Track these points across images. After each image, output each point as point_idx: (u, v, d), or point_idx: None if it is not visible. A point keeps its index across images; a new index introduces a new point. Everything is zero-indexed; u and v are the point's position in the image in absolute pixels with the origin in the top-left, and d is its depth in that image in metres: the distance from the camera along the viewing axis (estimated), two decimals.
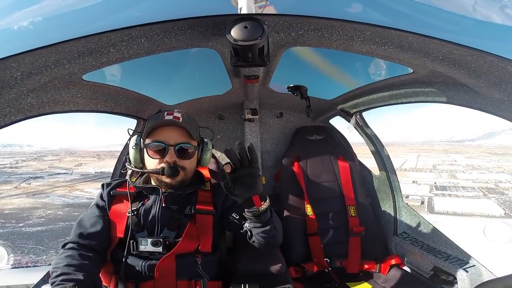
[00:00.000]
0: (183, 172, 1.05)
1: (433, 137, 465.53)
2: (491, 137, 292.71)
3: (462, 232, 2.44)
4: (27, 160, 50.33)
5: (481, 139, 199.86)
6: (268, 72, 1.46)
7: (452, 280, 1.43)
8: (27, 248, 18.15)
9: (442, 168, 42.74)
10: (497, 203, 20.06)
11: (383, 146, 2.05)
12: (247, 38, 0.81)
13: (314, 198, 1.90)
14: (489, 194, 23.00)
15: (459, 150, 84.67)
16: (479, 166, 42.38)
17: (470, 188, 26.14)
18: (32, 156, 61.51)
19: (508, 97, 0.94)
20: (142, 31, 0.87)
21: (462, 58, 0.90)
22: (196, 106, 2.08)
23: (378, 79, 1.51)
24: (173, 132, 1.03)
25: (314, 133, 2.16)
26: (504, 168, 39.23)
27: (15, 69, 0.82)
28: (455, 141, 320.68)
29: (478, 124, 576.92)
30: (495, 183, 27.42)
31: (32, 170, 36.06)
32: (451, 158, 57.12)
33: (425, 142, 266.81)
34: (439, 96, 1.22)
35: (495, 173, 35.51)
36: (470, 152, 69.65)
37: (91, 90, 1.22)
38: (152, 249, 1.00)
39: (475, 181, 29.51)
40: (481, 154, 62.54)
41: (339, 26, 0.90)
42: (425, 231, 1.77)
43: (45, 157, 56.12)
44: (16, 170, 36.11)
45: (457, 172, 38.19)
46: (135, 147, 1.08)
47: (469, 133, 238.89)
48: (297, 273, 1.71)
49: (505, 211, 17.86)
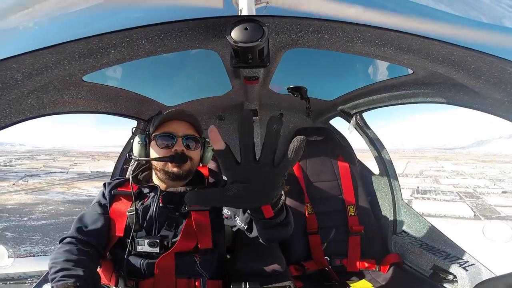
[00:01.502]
0: (189, 162, 1.07)
1: (426, 145, 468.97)
2: (481, 145, 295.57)
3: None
4: (20, 158, 50.39)
5: (472, 147, 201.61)
6: (268, 73, 1.46)
7: (452, 278, 1.43)
8: (35, 240, 18.75)
9: (428, 173, 43.37)
10: (470, 206, 20.84)
11: (383, 146, 2.05)
12: (247, 39, 0.81)
13: (314, 198, 1.91)
14: (465, 198, 23.80)
15: (449, 157, 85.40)
16: (464, 172, 43.05)
17: (449, 192, 26.95)
18: (25, 155, 61.56)
19: (508, 97, 0.94)
20: (142, 33, 0.88)
21: (462, 59, 0.90)
22: (196, 107, 2.08)
23: (378, 80, 1.51)
24: (181, 125, 1.08)
25: (314, 134, 2.17)
26: (486, 175, 39.86)
27: (15, 70, 0.82)
28: (446, 148, 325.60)
29: (470, 132, 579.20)
30: (474, 188, 28.15)
31: (27, 168, 36.25)
32: (439, 164, 57.87)
33: (417, 149, 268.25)
34: (439, 97, 1.22)
35: (477, 179, 36.16)
36: (458, 159, 70.34)
37: (91, 91, 1.22)
38: (149, 249, 1.01)
39: (456, 186, 30.37)
40: (469, 161, 63.36)
41: (339, 28, 0.91)
42: (425, 230, 1.78)
43: (39, 156, 56.28)
44: (11, 168, 36.25)
45: (442, 177, 38.85)
46: (140, 142, 1.09)
47: (461, 141, 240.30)
48: (297, 271, 1.72)
49: (474, 213, 18.68)
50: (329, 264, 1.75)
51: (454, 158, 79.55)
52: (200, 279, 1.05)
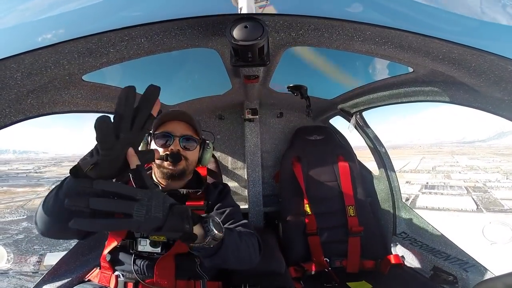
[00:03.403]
0: (184, 162, 1.07)
1: (444, 139, 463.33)
2: (502, 137, 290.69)
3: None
4: (47, 166, 51.08)
5: (492, 140, 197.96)
6: (268, 72, 1.46)
7: (453, 279, 1.43)
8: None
9: (441, 169, 43.16)
10: (476, 199, 20.89)
11: (383, 146, 2.05)
12: (247, 38, 0.81)
13: (314, 198, 1.90)
14: (472, 192, 23.76)
15: (467, 151, 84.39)
16: (478, 167, 42.83)
17: (457, 187, 26.87)
18: (50, 162, 62.22)
19: (508, 96, 0.94)
20: (142, 31, 0.87)
21: (462, 57, 0.90)
22: (196, 106, 2.08)
23: (378, 78, 1.51)
24: (179, 125, 1.08)
25: (314, 133, 2.16)
26: (501, 169, 39.69)
27: (15, 69, 0.82)
28: (465, 142, 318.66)
29: (490, 124, 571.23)
30: (484, 183, 28.14)
31: (56, 174, 36.71)
32: (454, 159, 57.44)
33: (434, 144, 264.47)
34: (439, 95, 1.22)
35: (490, 173, 36.01)
36: (476, 154, 69.75)
37: (91, 90, 1.22)
38: (151, 249, 1.00)
39: (466, 180, 30.32)
40: (487, 155, 62.70)
41: (339, 26, 0.90)
42: (425, 231, 1.77)
43: (63, 163, 56.76)
44: (42, 175, 36.78)
45: (454, 172, 38.74)
46: (143, 141, 1.10)
47: (481, 134, 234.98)
48: (297, 272, 1.71)
49: (477, 206, 18.85)
50: (328, 265, 1.75)
51: (472, 152, 78.77)
52: (200, 280, 1.04)
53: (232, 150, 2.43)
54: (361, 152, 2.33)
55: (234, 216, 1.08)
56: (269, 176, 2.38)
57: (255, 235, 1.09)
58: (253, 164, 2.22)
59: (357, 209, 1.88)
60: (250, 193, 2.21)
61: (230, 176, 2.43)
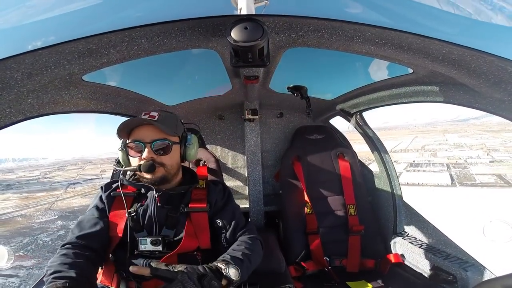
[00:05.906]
0: (162, 168, 1.05)
1: (438, 118, 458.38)
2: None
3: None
4: (52, 171, 51.44)
5: (486, 117, 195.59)
6: (268, 73, 1.46)
7: (452, 279, 1.43)
8: None
9: (429, 147, 43.08)
10: (453, 175, 21.26)
11: (383, 145, 2.05)
12: (247, 39, 0.81)
13: (314, 197, 1.91)
14: (452, 169, 24.00)
15: (459, 129, 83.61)
16: (465, 144, 42.61)
17: (439, 164, 27.02)
18: (53, 167, 62.51)
19: (508, 96, 0.94)
20: (142, 32, 0.88)
21: (462, 58, 0.90)
22: (196, 107, 2.08)
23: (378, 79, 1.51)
24: (149, 130, 1.04)
25: (315, 132, 2.17)
26: (484, 145, 39.51)
27: (15, 69, 0.82)
28: (459, 120, 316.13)
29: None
30: (465, 159, 28.32)
31: (65, 178, 37.01)
32: (444, 138, 57.14)
33: (429, 123, 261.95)
34: (439, 96, 1.22)
35: (473, 150, 35.92)
36: (467, 131, 69.29)
37: (91, 90, 1.22)
38: (152, 248, 1.01)
39: (449, 158, 30.47)
40: (477, 133, 62.27)
41: (339, 27, 0.91)
42: (425, 230, 1.78)
43: (66, 167, 56.92)
44: (52, 180, 37.06)
45: (440, 150, 38.66)
46: (120, 148, 1.09)
47: (475, 112, 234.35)
48: (297, 272, 1.71)
49: (452, 181, 19.25)
50: (329, 265, 1.75)
51: (464, 130, 78.05)
52: None
53: (233, 149, 2.43)
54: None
55: (239, 222, 1.12)
56: (269, 175, 2.38)
57: (258, 238, 1.13)
58: (253, 164, 2.22)
59: (357, 208, 1.88)
60: (250, 192, 2.22)
61: (230, 175, 2.43)
